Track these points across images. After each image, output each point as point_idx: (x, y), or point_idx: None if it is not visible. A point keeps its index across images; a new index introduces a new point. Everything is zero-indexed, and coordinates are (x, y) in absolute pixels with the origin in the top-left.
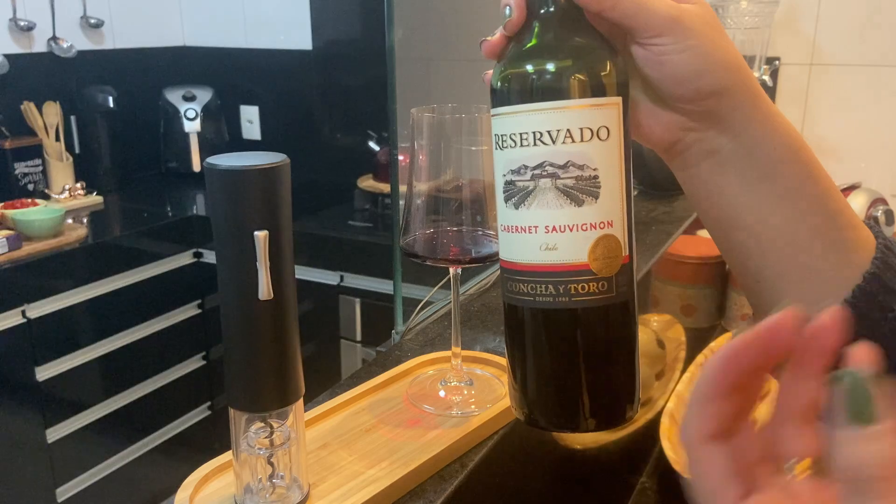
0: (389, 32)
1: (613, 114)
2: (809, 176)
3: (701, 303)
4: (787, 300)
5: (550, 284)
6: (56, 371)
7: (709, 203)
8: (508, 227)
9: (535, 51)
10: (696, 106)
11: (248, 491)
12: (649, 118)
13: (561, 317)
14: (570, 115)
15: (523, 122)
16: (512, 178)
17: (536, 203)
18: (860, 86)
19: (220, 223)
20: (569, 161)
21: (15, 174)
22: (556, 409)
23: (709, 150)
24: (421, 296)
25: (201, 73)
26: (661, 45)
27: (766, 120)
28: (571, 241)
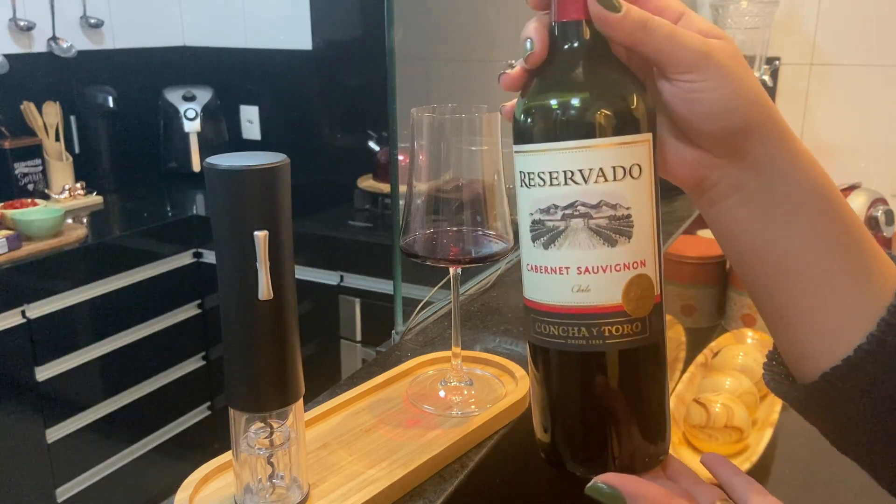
0: (389, 32)
1: (644, 151)
2: (834, 211)
3: (701, 303)
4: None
5: (583, 327)
6: (56, 371)
7: (734, 239)
8: (536, 266)
9: (563, 87)
10: (723, 142)
11: (248, 491)
12: (675, 155)
13: (594, 360)
14: (602, 153)
15: (553, 161)
16: (541, 217)
17: (568, 243)
18: (860, 86)
19: (220, 223)
20: (601, 200)
21: (15, 174)
22: (588, 452)
23: (734, 187)
24: (421, 296)
25: (201, 73)
26: (691, 81)
27: (791, 156)
28: (605, 283)
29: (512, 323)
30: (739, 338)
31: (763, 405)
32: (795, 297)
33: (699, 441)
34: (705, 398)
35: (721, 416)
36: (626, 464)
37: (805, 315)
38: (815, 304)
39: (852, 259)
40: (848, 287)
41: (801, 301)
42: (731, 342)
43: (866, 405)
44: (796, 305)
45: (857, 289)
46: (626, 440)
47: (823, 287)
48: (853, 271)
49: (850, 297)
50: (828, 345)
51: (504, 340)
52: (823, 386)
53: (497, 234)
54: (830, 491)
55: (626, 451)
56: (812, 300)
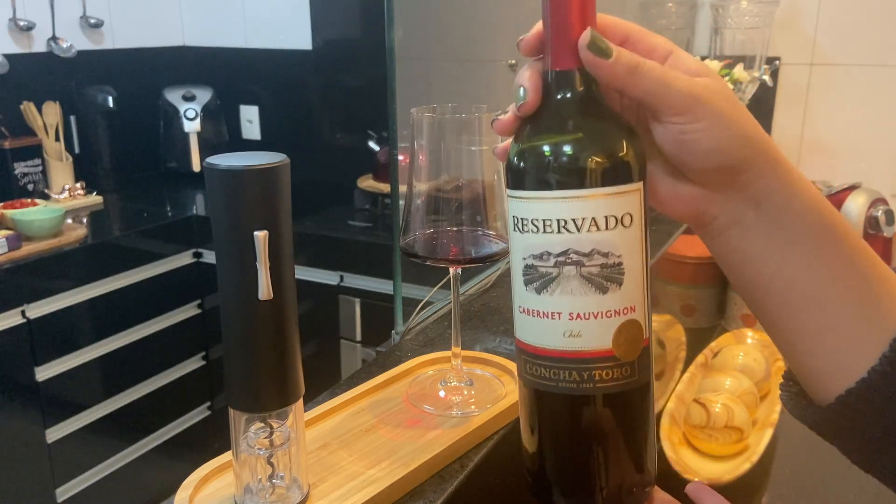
0: (389, 32)
1: (636, 200)
2: (835, 237)
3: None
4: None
5: (574, 371)
6: (56, 371)
7: (738, 269)
8: (529, 310)
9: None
10: (718, 178)
11: (247, 491)
12: (671, 192)
13: (584, 403)
14: (595, 203)
15: (546, 209)
16: (533, 262)
17: (560, 290)
18: (860, 86)
19: (220, 223)
20: (594, 249)
21: (15, 174)
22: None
23: (733, 220)
24: (421, 296)
25: (201, 73)
26: (682, 123)
27: (787, 187)
28: (596, 328)
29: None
30: (739, 338)
31: (763, 405)
32: (803, 324)
33: (699, 441)
34: (705, 398)
35: (721, 416)
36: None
37: (814, 341)
38: (824, 330)
39: (857, 285)
40: (855, 312)
41: (809, 328)
42: (731, 342)
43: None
44: (804, 332)
45: (864, 314)
46: (614, 479)
47: (830, 314)
48: (859, 297)
49: (858, 322)
50: (840, 368)
51: (504, 340)
52: (839, 408)
53: (497, 234)
54: (830, 491)
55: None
56: (820, 327)
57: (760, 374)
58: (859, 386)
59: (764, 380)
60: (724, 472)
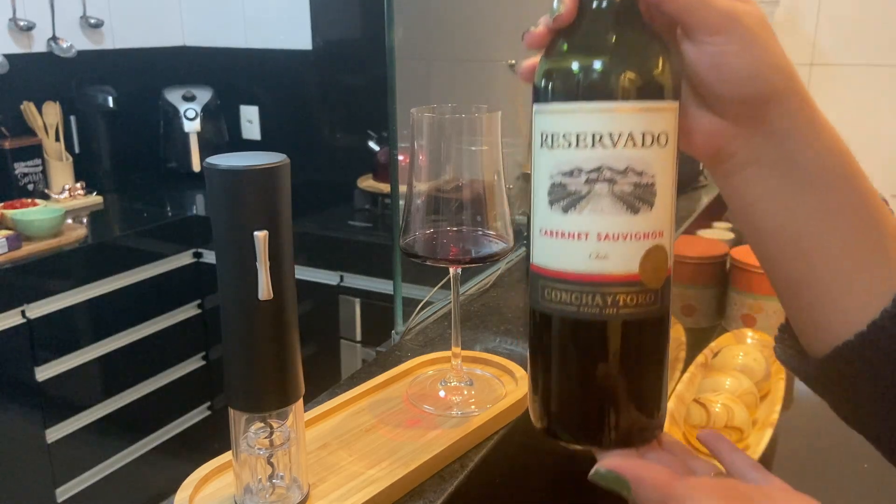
0: (389, 32)
1: (672, 119)
2: (853, 185)
3: (701, 303)
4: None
5: (598, 295)
6: (56, 371)
7: (750, 211)
8: (552, 231)
9: (595, 47)
10: (745, 110)
11: (247, 491)
12: (694, 124)
13: (606, 329)
14: (634, 118)
15: (581, 122)
16: (562, 180)
17: (590, 208)
18: (860, 86)
19: (220, 223)
20: (628, 166)
21: (15, 174)
22: (588, 423)
23: (752, 158)
24: (421, 296)
25: (201, 73)
26: (718, 44)
27: (811, 127)
28: (624, 251)
29: (512, 323)
30: (739, 338)
31: (763, 405)
32: (810, 271)
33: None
34: (705, 398)
35: (721, 417)
36: (625, 435)
37: (819, 290)
38: (830, 279)
39: (869, 234)
40: (864, 262)
41: (815, 276)
42: (731, 342)
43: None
44: (811, 280)
45: (873, 264)
46: (629, 412)
47: (839, 262)
48: (870, 246)
49: (865, 272)
50: (841, 320)
51: (504, 340)
52: (835, 361)
53: (497, 234)
54: (830, 491)
55: (627, 423)
56: (827, 275)
57: (760, 374)
58: (857, 339)
59: (764, 380)
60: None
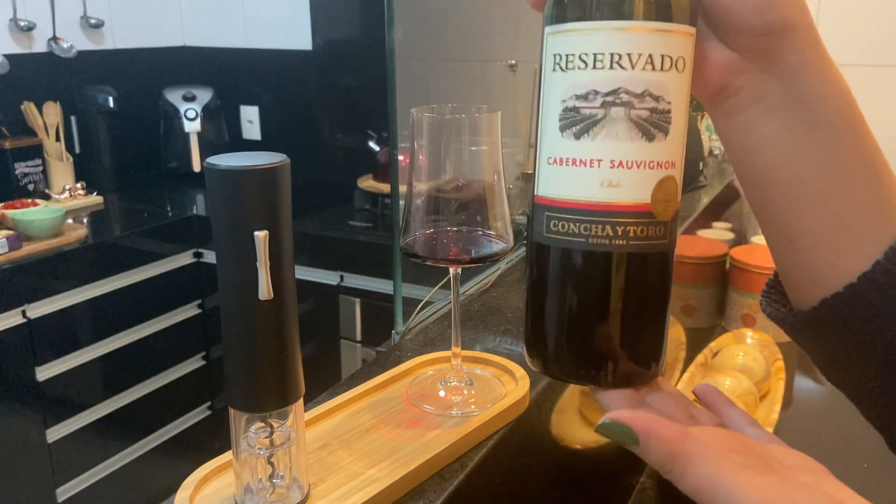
0: (389, 32)
1: (690, 44)
2: (856, 131)
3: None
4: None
5: (608, 225)
6: (56, 371)
7: (749, 154)
8: (562, 159)
9: None
10: (758, 41)
11: (248, 491)
12: (701, 58)
13: (615, 260)
14: (653, 39)
15: (599, 41)
16: (576, 103)
17: (605, 133)
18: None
19: (220, 223)
20: (646, 90)
21: (15, 174)
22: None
23: (758, 96)
24: (421, 296)
25: (201, 73)
26: None
27: (820, 67)
28: (637, 179)
29: (512, 323)
30: (739, 338)
31: (763, 405)
32: (806, 218)
33: None
34: None
35: None
36: (627, 374)
37: (813, 238)
38: (826, 227)
39: (869, 183)
40: (861, 211)
41: (810, 224)
42: (730, 342)
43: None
44: (805, 228)
45: (869, 213)
46: (631, 349)
47: (837, 208)
48: (868, 196)
49: (861, 222)
50: (833, 271)
51: (504, 340)
52: (823, 312)
53: (497, 234)
54: None
55: (628, 361)
56: (823, 222)
57: (760, 374)
58: (846, 291)
59: (763, 380)
60: None
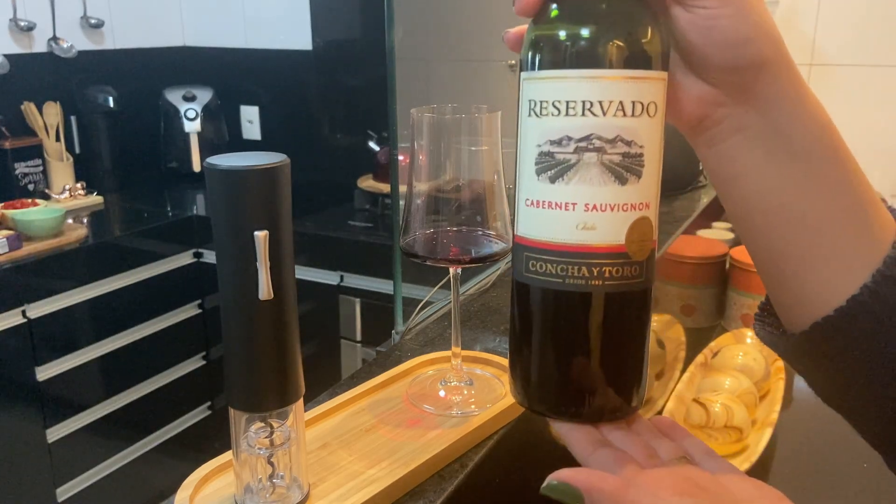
0: (389, 32)
1: (661, 89)
2: (837, 157)
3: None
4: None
5: (584, 266)
6: (56, 371)
7: (734, 183)
8: (539, 202)
9: (586, 13)
10: (734, 78)
11: (248, 491)
12: (680, 91)
13: (592, 300)
14: (624, 86)
15: (571, 90)
16: (550, 149)
17: (578, 178)
18: (860, 86)
19: (220, 223)
20: (618, 136)
21: (15, 174)
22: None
23: (737, 127)
24: (421, 296)
25: (201, 74)
26: (710, 7)
27: (798, 97)
28: (611, 222)
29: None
30: (739, 338)
31: (763, 405)
32: (792, 244)
33: None
34: (705, 398)
35: (721, 416)
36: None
37: (800, 263)
38: (812, 252)
39: (852, 207)
40: (846, 236)
41: (797, 249)
42: (730, 342)
43: (857, 357)
44: (792, 253)
45: (854, 238)
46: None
47: (821, 235)
48: (852, 220)
49: (847, 246)
50: (822, 294)
51: (504, 340)
52: (815, 336)
53: (497, 234)
54: (830, 490)
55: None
56: (809, 248)
57: (760, 374)
58: (837, 314)
59: (763, 379)
60: None
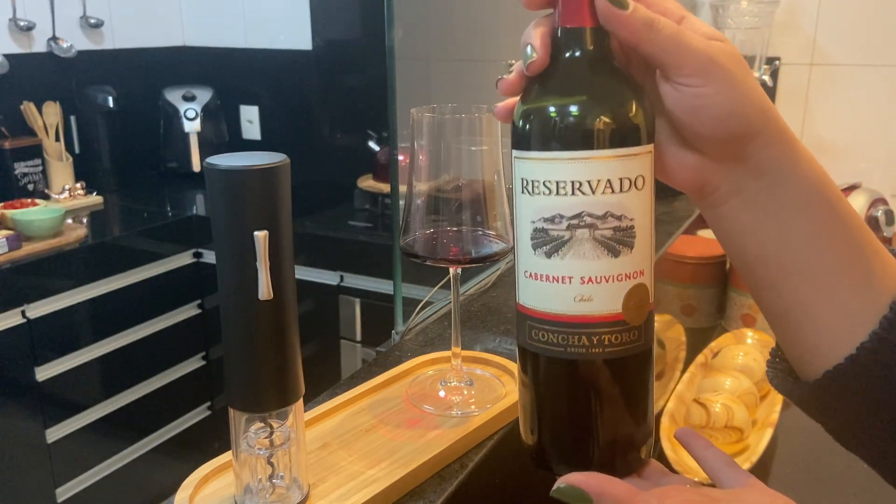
0: (389, 32)
1: (648, 162)
2: (835, 212)
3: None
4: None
5: (584, 336)
6: (56, 371)
7: (736, 240)
8: (537, 275)
9: (570, 96)
10: (725, 147)
11: (247, 491)
12: (675, 161)
13: (593, 367)
14: (611, 165)
15: (560, 170)
16: (544, 226)
17: (572, 253)
18: (860, 86)
19: (220, 223)
20: (607, 212)
21: (15, 174)
22: (578, 456)
23: (735, 191)
24: (421, 296)
25: (201, 73)
26: (696, 85)
27: (791, 160)
28: (607, 292)
29: (512, 323)
30: (739, 338)
31: (763, 405)
32: (798, 297)
33: None
34: (705, 398)
35: (721, 416)
36: (611, 467)
37: (807, 314)
38: (818, 303)
39: (853, 259)
40: (850, 287)
41: (803, 301)
42: (731, 342)
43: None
44: (799, 305)
45: (858, 288)
46: (616, 445)
47: (825, 287)
48: (854, 271)
49: (852, 296)
50: (831, 343)
51: (504, 340)
52: (827, 383)
53: (497, 234)
54: (830, 491)
55: (613, 456)
56: (814, 300)
57: (760, 374)
58: (848, 362)
59: (764, 379)
60: None
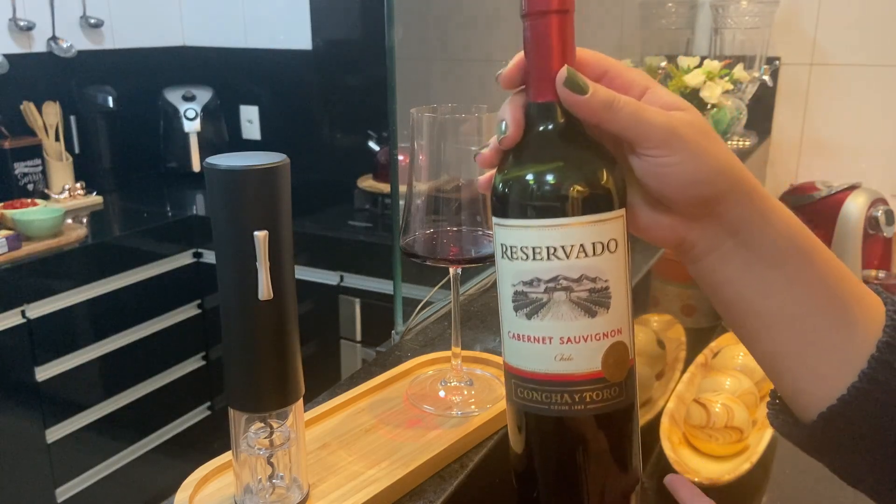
0: (389, 32)
1: (620, 226)
2: (811, 260)
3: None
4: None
5: (566, 394)
6: (56, 371)
7: (718, 292)
8: (519, 335)
9: (541, 167)
10: (694, 210)
11: (247, 491)
12: (651, 221)
13: (576, 424)
14: (583, 230)
15: (535, 237)
16: (523, 289)
17: (551, 315)
18: (860, 86)
19: (220, 223)
20: (582, 275)
21: (15, 174)
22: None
23: (712, 247)
24: (421, 296)
25: (201, 73)
26: (658, 156)
27: (762, 215)
28: (585, 352)
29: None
30: None
31: (763, 405)
32: (783, 344)
33: (699, 441)
34: (705, 398)
35: (721, 417)
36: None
37: (795, 360)
38: (804, 350)
39: (835, 306)
40: (834, 332)
41: (789, 348)
42: (731, 342)
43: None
44: (785, 352)
45: (842, 333)
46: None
47: (809, 334)
48: (837, 318)
49: (836, 341)
50: (821, 386)
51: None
52: (821, 425)
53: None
54: (830, 491)
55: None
56: (800, 346)
57: (760, 374)
58: (840, 403)
59: (764, 380)
60: (724, 473)
